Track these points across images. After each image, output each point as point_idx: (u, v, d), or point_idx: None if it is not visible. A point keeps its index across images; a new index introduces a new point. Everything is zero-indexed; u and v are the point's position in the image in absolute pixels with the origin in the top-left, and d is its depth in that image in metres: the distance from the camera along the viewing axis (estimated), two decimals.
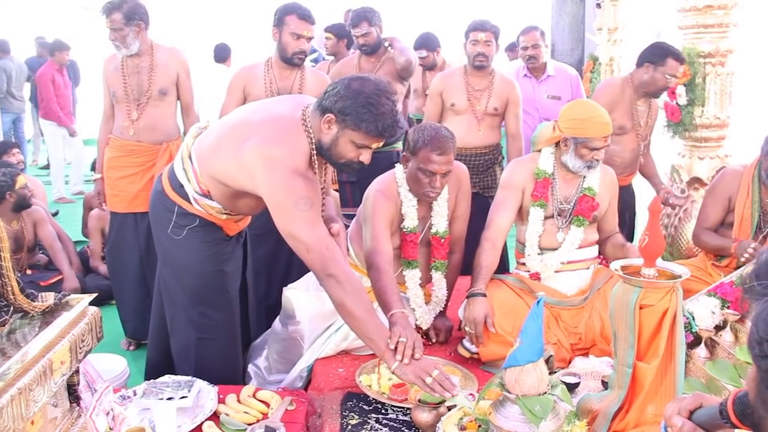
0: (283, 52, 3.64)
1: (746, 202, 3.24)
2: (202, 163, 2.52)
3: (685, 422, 1.27)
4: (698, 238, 3.42)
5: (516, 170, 3.14)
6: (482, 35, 4.00)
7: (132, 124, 3.81)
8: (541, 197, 3.04)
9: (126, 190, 3.88)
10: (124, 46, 3.71)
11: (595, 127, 2.91)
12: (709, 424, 1.24)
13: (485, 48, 3.99)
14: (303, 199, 2.28)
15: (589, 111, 2.97)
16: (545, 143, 3.08)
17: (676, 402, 1.32)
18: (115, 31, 3.68)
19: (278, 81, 3.68)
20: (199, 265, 2.64)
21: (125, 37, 3.68)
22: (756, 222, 3.22)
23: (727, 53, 4.06)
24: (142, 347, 3.98)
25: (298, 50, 3.62)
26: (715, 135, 4.13)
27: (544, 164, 3.07)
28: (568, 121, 2.97)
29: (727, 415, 1.18)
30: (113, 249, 4.02)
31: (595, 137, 2.92)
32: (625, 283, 2.08)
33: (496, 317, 2.84)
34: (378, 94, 2.27)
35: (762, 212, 3.22)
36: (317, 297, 2.96)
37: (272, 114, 2.44)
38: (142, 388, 2.44)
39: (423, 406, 2.30)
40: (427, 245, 3.11)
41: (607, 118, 2.95)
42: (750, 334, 0.97)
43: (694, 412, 1.28)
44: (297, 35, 3.59)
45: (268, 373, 3.04)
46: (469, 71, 4.10)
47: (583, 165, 2.98)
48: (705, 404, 1.28)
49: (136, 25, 3.69)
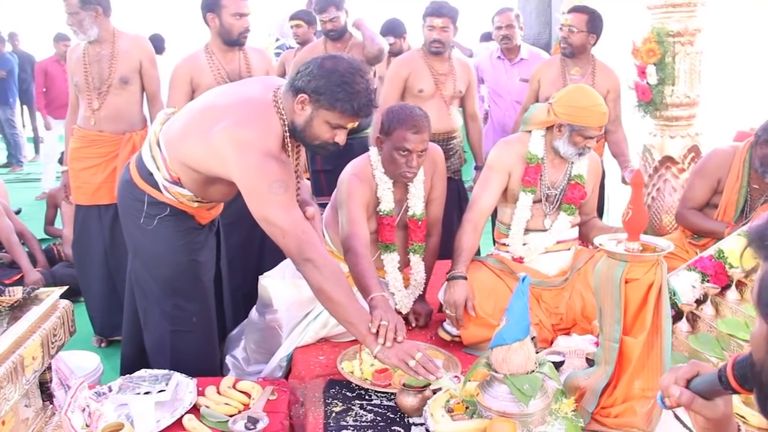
0: (227, 35, 3.52)
1: (735, 185, 3.24)
2: (171, 150, 2.44)
3: (683, 391, 1.24)
4: (684, 218, 3.39)
5: (504, 151, 3.06)
6: (438, 21, 3.93)
7: (93, 114, 3.72)
8: (532, 183, 2.98)
9: (89, 181, 3.79)
10: (81, 32, 3.61)
11: (593, 116, 2.85)
12: (708, 391, 1.22)
13: (441, 34, 3.94)
14: (277, 182, 2.22)
15: (589, 99, 2.88)
16: (537, 126, 3.00)
17: (672, 372, 1.29)
18: (71, 15, 3.58)
19: (224, 66, 3.58)
20: (171, 255, 2.56)
21: (81, 21, 3.58)
22: (741, 206, 3.23)
23: (696, 32, 4.07)
24: (114, 344, 3.88)
25: (243, 29, 3.53)
26: (685, 114, 4.14)
27: (535, 148, 2.99)
28: (566, 107, 2.88)
29: (727, 381, 1.16)
30: (78, 242, 3.92)
31: (592, 126, 2.86)
32: (609, 258, 2.06)
33: (477, 299, 2.81)
34: (352, 72, 2.22)
35: (748, 197, 3.24)
36: (294, 284, 2.92)
37: (242, 96, 2.37)
38: (118, 384, 2.36)
39: (408, 390, 2.27)
40: (404, 228, 3.07)
41: (604, 108, 2.88)
42: (762, 290, 0.94)
43: (691, 380, 1.26)
44: (239, 14, 3.49)
45: (247, 363, 2.98)
46: (429, 56, 4.05)
47: (575, 152, 2.93)
48: (702, 372, 1.25)
49: (92, 9, 3.59)
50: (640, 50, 4.10)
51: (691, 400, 1.22)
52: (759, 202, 3.26)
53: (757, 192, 3.25)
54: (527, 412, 1.99)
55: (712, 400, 1.22)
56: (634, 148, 4.41)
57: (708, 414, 1.22)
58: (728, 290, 2.68)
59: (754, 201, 3.25)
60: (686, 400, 1.23)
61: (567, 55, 4.09)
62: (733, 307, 2.60)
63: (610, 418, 2.08)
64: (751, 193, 3.23)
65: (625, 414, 2.06)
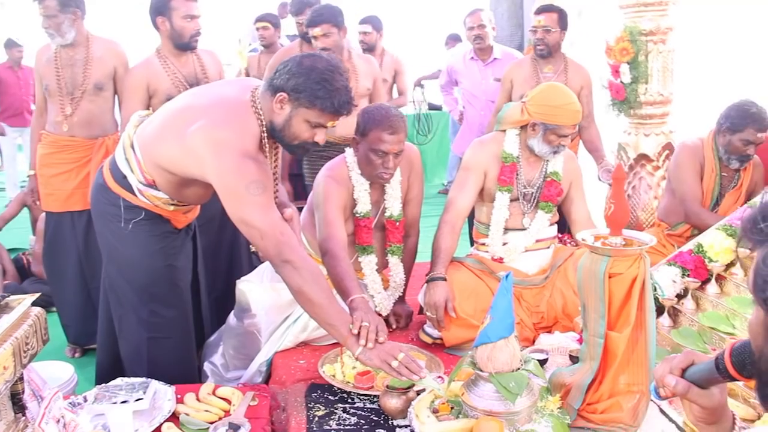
0: (179, 38, 3.42)
1: (712, 174, 3.30)
2: (146, 152, 2.39)
3: (679, 380, 1.23)
4: (699, 217, 3.37)
5: (478, 151, 3.05)
6: (317, 30, 3.82)
7: (66, 119, 3.63)
8: (508, 182, 2.98)
9: (60, 188, 3.70)
10: (58, 35, 3.52)
11: (566, 115, 2.85)
12: (704, 379, 1.21)
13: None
14: (255, 183, 2.18)
15: (562, 98, 2.88)
16: (511, 125, 3.00)
17: (666, 362, 1.28)
18: (49, 18, 3.49)
19: (180, 69, 3.49)
20: (147, 260, 2.51)
21: (60, 24, 3.49)
22: (716, 196, 3.29)
23: (668, 31, 4.10)
24: (88, 354, 3.80)
25: (195, 32, 3.43)
26: (659, 111, 4.17)
27: (510, 147, 2.99)
28: (539, 106, 2.88)
29: (725, 368, 1.15)
30: (49, 251, 3.82)
31: (565, 125, 2.86)
32: (592, 253, 2.04)
33: (457, 300, 2.79)
34: (331, 70, 2.19)
35: (721, 185, 3.30)
36: (272, 288, 2.88)
37: (219, 97, 2.33)
38: (94, 393, 2.29)
39: (391, 392, 2.24)
40: (381, 229, 3.04)
41: (577, 106, 2.89)
42: (758, 276, 0.92)
43: (686, 370, 1.24)
44: (190, 16, 3.39)
45: (225, 370, 2.92)
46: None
47: (550, 150, 2.93)
48: (696, 361, 1.24)
49: (72, 12, 3.51)
50: (613, 49, 4.13)
51: (687, 390, 1.21)
52: (728, 189, 3.33)
53: (727, 179, 3.34)
54: (514, 410, 1.97)
55: (708, 389, 1.21)
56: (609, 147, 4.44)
57: (704, 403, 1.21)
58: (708, 284, 2.69)
59: (724, 188, 3.32)
60: (682, 389, 1.22)
61: (543, 56, 4.11)
62: (713, 301, 2.61)
63: (596, 414, 2.06)
64: (722, 181, 3.30)
65: (611, 409, 2.04)
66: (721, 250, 2.69)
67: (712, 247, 2.70)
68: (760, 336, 0.96)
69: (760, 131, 3.26)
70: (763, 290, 0.91)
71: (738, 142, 3.29)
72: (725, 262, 2.70)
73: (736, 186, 3.39)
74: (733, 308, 2.51)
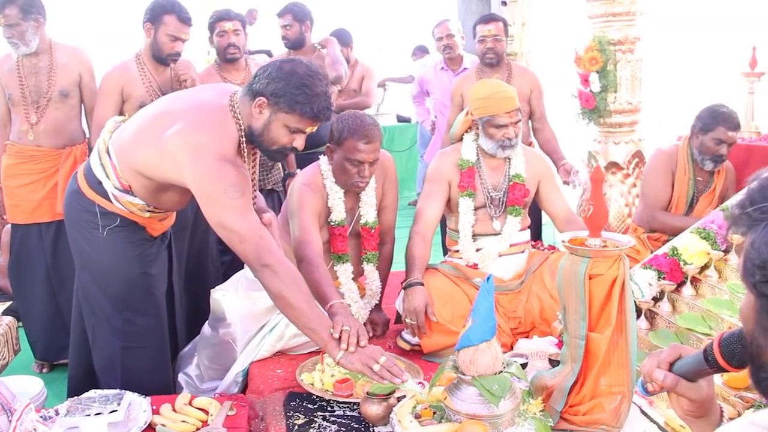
0: (157, 51, 3.39)
1: (684, 178, 3.38)
2: (122, 157, 2.35)
3: (667, 375, 1.23)
4: (657, 220, 3.49)
5: (440, 162, 3.10)
6: (229, 24, 3.85)
7: (31, 128, 3.55)
8: (468, 186, 3.00)
9: (27, 199, 3.61)
10: (23, 44, 3.45)
11: (496, 103, 2.89)
12: (693, 372, 1.21)
13: (235, 38, 3.87)
14: (233, 186, 2.16)
15: (490, 88, 2.95)
16: (461, 130, 3.06)
17: (653, 357, 1.28)
18: (11, 28, 3.42)
19: (156, 77, 3.45)
20: (122, 267, 2.46)
21: (24, 33, 3.42)
22: (690, 199, 3.36)
23: (636, 40, 4.16)
24: (57, 369, 3.71)
25: (174, 52, 3.40)
26: (628, 120, 4.22)
27: (467, 153, 3.04)
28: (473, 101, 2.95)
29: (714, 359, 1.15)
30: (16, 264, 3.71)
31: (498, 113, 2.90)
32: (572, 255, 2.05)
33: (435, 306, 2.78)
34: (311, 75, 2.19)
35: (695, 189, 3.36)
36: (247, 297, 2.85)
37: (197, 101, 2.31)
38: (66, 406, 2.23)
39: (372, 399, 2.21)
40: (356, 237, 3.03)
41: (508, 93, 2.92)
42: (748, 260, 0.93)
43: (673, 364, 1.25)
44: (174, 37, 3.36)
45: (200, 381, 2.87)
46: (224, 65, 4.02)
47: (496, 145, 2.96)
48: (684, 354, 1.25)
49: (34, 19, 3.44)
50: (582, 59, 4.17)
51: (675, 383, 1.22)
52: (703, 192, 3.40)
53: (701, 183, 3.41)
54: (497, 413, 1.96)
55: (696, 382, 1.21)
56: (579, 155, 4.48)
57: (692, 396, 1.21)
58: (684, 286, 2.72)
59: (699, 192, 3.39)
60: (670, 382, 1.22)
61: (494, 64, 4.18)
62: (689, 303, 2.65)
63: (578, 416, 2.06)
64: (696, 185, 3.36)
65: (593, 411, 2.05)
66: (696, 253, 2.73)
67: (686, 249, 2.73)
68: (751, 320, 0.97)
69: (731, 130, 3.36)
70: (753, 274, 0.92)
71: (710, 142, 3.38)
72: (700, 265, 2.74)
73: (710, 189, 3.47)
74: (708, 309, 2.54)
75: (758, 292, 0.93)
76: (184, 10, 3.40)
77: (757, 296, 0.94)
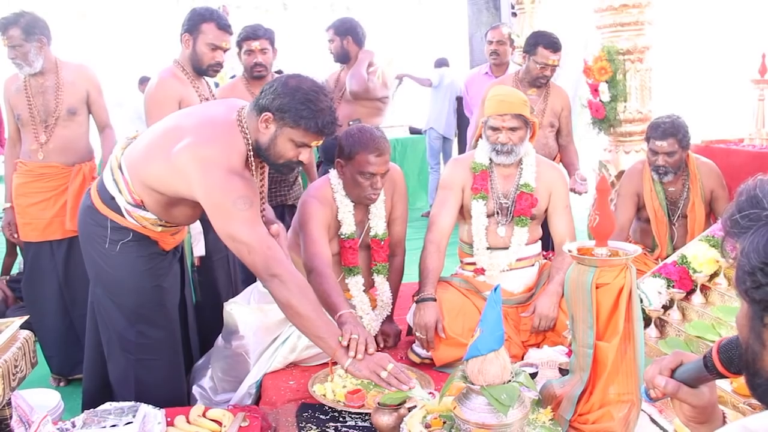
0: (197, 63, 3.25)
1: (651, 194, 3.37)
2: (134, 172, 2.40)
3: (669, 381, 1.25)
4: None
5: (454, 169, 3.11)
6: (256, 44, 3.78)
7: (41, 147, 3.59)
8: (481, 189, 3.00)
9: (38, 217, 3.64)
10: (26, 65, 3.49)
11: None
12: (693, 378, 1.23)
13: (262, 56, 3.80)
14: (241, 198, 2.20)
15: (497, 90, 2.96)
16: (477, 134, 3.08)
17: (655, 364, 1.30)
18: (14, 49, 3.46)
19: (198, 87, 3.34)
20: (135, 281, 2.50)
21: (27, 54, 3.47)
22: (666, 210, 3.37)
23: (645, 50, 4.19)
24: (73, 383, 3.75)
25: (215, 62, 3.25)
26: (638, 129, 4.24)
27: (480, 157, 3.04)
28: (482, 103, 2.98)
29: (713, 365, 1.17)
30: (30, 281, 3.75)
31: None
32: (579, 265, 2.07)
33: (446, 320, 2.79)
34: (316, 90, 2.23)
35: (668, 200, 3.37)
36: (260, 309, 2.88)
37: (206, 116, 2.35)
38: (82, 419, 2.26)
39: (383, 409, 2.22)
40: (366, 249, 3.05)
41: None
42: (739, 268, 0.95)
43: (675, 370, 1.26)
44: (214, 46, 3.22)
45: (214, 393, 2.90)
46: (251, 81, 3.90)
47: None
48: (685, 361, 1.26)
49: (37, 40, 3.48)
50: (592, 69, 4.20)
51: (677, 389, 1.23)
52: (681, 201, 3.39)
53: (675, 193, 3.42)
54: (506, 422, 1.97)
55: (698, 388, 1.23)
56: (591, 165, 4.49)
57: (694, 401, 1.23)
58: (693, 294, 2.72)
59: (676, 202, 3.39)
60: (672, 389, 1.23)
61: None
62: (699, 311, 2.65)
63: (587, 424, 2.07)
64: (668, 196, 3.38)
65: (602, 419, 2.05)
66: (705, 261, 2.72)
67: (695, 257, 2.73)
68: (745, 328, 0.98)
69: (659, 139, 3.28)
70: (744, 282, 0.94)
71: (648, 152, 3.39)
72: (709, 273, 2.74)
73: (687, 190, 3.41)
74: (718, 317, 2.54)
75: (750, 298, 0.95)
76: (223, 17, 3.28)
77: (750, 303, 0.96)
